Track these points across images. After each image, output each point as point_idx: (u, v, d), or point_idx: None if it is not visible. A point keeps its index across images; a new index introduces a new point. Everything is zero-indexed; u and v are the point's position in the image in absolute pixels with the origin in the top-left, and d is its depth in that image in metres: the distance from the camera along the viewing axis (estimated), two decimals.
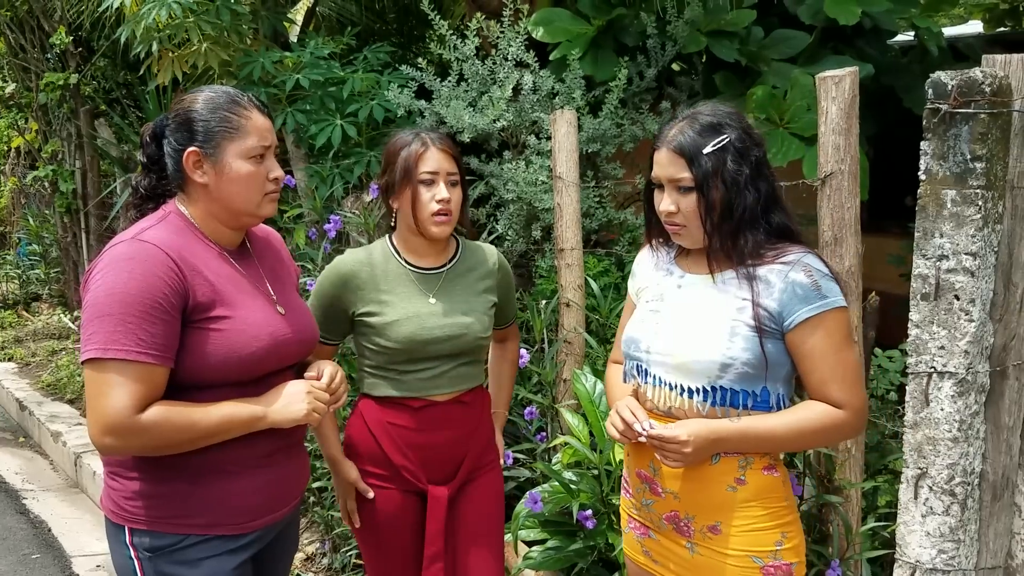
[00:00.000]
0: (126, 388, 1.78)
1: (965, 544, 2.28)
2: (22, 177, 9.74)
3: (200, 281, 1.89)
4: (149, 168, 2.03)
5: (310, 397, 1.99)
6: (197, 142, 1.94)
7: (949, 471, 2.26)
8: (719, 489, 1.93)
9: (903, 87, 4.97)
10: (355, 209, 4.23)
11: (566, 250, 3.46)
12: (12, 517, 4.70)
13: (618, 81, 4.28)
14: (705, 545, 1.96)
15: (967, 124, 2.15)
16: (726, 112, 1.93)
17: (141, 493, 1.92)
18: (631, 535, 2.13)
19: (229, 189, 1.96)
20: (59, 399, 6.33)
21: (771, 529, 1.93)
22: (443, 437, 2.40)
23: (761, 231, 1.91)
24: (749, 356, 1.87)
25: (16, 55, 8.14)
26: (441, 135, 2.38)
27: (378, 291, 2.36)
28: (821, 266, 1.91)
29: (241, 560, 1.99)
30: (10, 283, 9.54)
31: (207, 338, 1.88)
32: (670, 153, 1.90)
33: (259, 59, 4.68)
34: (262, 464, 2.00)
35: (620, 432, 1.96)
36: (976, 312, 2.18)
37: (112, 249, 1.88)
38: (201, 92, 1.99)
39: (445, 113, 4.31)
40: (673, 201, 1.92)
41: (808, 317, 1.86)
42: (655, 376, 1.98)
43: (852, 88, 2.36)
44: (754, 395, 1.90)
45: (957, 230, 2.17)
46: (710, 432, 1.87)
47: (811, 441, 1.98)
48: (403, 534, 2.43)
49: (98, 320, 1.80)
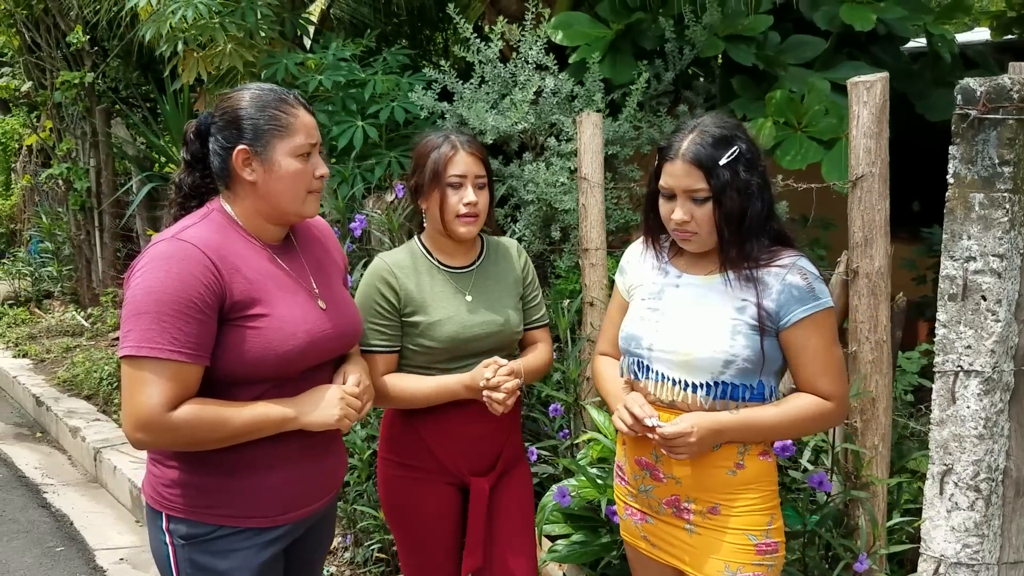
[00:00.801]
0: (159, 386, 1.83)
1: (989, 539, 2.33)
2: (35, 175, 9.79)
3: (238, 280, 1.93)
4: (192, 165, 2.06)
5: (343, 403, 2.02)
6: (246, 140, 1.97)
7: (974, 467, 2.31)
8: (720, 473, 2.06)
9: (915, 93, 5.02)
10: (377, 209, 4.29)
11: (590, 250, 3.51)
12: (35, 511, 4.76)
13: (638, 84, 4.33)
14: (704, 525, 2.09)
15: (995, 129, 2.21)
16: (733, 124, 2.04)
17: (179, 482, 1.97)
18: (629, 521, 2.25)
19: (277, 187, 1.99)
20: (76, 395, 6.38)
21: (764, 511, 2.08)
22: (485, 429, 2.46)
23: (764, 237, 2.04)
24: (749, 353, 2.00)
25: (32, 53, 8.19)
26: (470, 138, 2.43)
27: (419, 291, 2.41)
28: (813, 269, 2.05)
29: (272, 553, 2.03)
30: (22, 280, 9.58)
31: (244, 336, 1.92)
32: (686, 165, 1.99)
33: (282, 60, 4.73)
34: (297, 459, 2.04)
35: (629, 426, 2.07)
36: (1002, 312, 2.24)
37: (153, 247, 1.92)
38: (247, 90, 2.02)
39: (468, 115, 4.37)
40: (687, 211, 2.02)
41: (803, 317, 2.00)
42: (658, 372, 2.09)
43: (883, 93, 2.41)
44: (751, 388, 2.03)
45: (984, 232, 2.23)
46: (712, 423, 2.01)
47: (802, 430, 2.12)
48: (443, 526, 2.49)
49: (135, 318, 1.85)
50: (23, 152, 10.44)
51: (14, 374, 6.99)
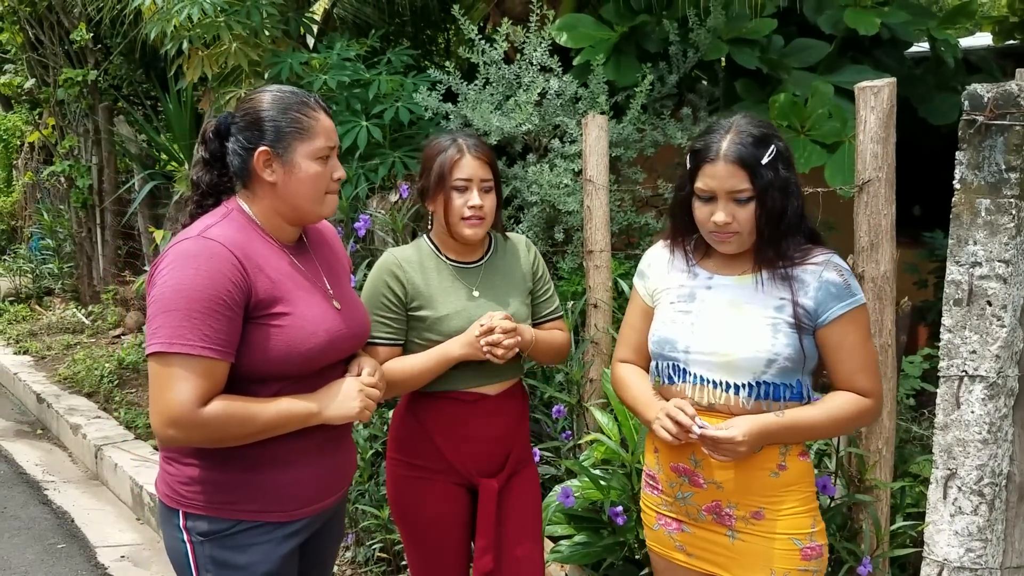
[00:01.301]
0: (190, 382, 1.84)
1: (992, 543, 2.34)
2: (37, 172, 9.78)
3: (262, 278, 1.95)
4: (211, 164, 2.07)
5: (362, 395, 2.05)
6: (267, 141, 1.98)
7: (978, 472, 2.32)
8: (763, 475, 2.04)
9: (918, 97, 5.03)
10: (381, 209, 4.30)
11: (595, 252, 3.52)
12: (36, 507, 4.76)
13: (642, 87, 4.34)
14: (748, 531, 2.05)
15: (1002, 135, 2.22)
16: (766, 123, 2.03)
17: (197, 479, 1.98)
18: (661, 532, 2.18)
19: (297, 189, 2.00)
20: (77, 392, 6.37)
21: (806, 513, 2.06)
22: (495, 430, 2.47)
23: (799, 235, 2.04)
24: (791, 351, 2.00)
25: (35, 50, 8.18)
26: (478, 141, 2.44)
27: (427, 286, 2.42)
28: (846, 265, 2.05)
29: (290, 547, 2.04)
30: (23, 277, 9.58)
31: (268, 334, 1.93)
32: (729, 166, 1.97)
33: (287, 59, 4.74)
34: (314, 453, 2.06)
35: (673, 434, 2.02)
36: (1008, 318, 2.24)
37: (178, 245, 1.93)
38: (269, 92, 2.03)
39: (472, 116, 4.38)
40: (729, 212, 1.99)
41: (841, 313, 2.00)
42: (695, 375, 2.06)
43: (890, 98, 2.42)
44: (791, 387, 2.02)
45: (991, 238, 2.23)
46: (760, 428, 1.98)
47: (844, 428, 2.13)
48: (451, 527, 2.49)
49: (164, 315, 1.85)
50: (25, 149, 10.43)
51: (15, 371, 6.99)
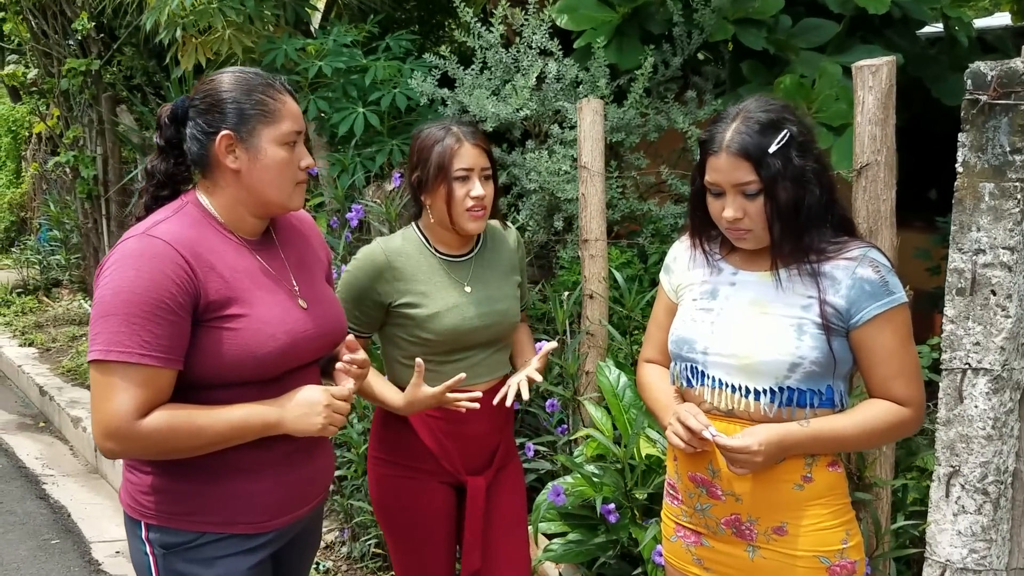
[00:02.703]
0: (128, 392, 1.73)
1: (997, 544, 2.24)
2: (43, 163, 9.77)
3: (213, 278, 1.83)
4: (167, 152, 1.95)
5: (328, 411, 1.90)
6: (230, 125, 1.86)
7: (982, 469, 2.21)
8: (786, 488, 1.88)
9: (931, 78, 4.91)
10: (377, 198, 4.21)
11: (590, 241, 3.42)
12: (32, 502, 4.72)
13: (643, 70, 4.23)
14: (769, 547, 1.89)
15: (1007, 116, 2.10)
16: (779, 105, 1.85)
17: (156, 488, 1.87)
18: (678, 544, 2.04)
19: (263, 176, 1.89)
20: (79, 385, 6.34)
21: (837, 527, 1.89)
22: (482, 427, 2.40)
23: (826, 226, 1.86)
24: (818, 355, 1.83)
25: (39, 41, 8.15)
26: (473, 129, 2.34)
27: (416, 281, 2.33)
28: (885, 260, 1.87)
29: (258, 559, 1.94)
30: (31, 269, 9.58)
31: (221, 338, 1.82)
32: (732, 157, 1.81)
33: (282, 46, 4.66)
34: (281, 463, 1.94)
35: (685, 441, 1.89)
36: (1013, 308, 2.13)
37: (123, 244, 1.82)
38: (231, 73, 1.92)
39: (468, 102, 4.28)
40: (739, 207, 1.84)
41: (877, 314, 1.83)
42: (714, 378, 1.91)
43: (889, 78, 2.31)
44: (820, 394, 1.85)
45: (995, 224, 2.12)
46: (780, 439, 1.83)
47: (878, 440, 1.95)
48: (438, 525, 2.43)
49: (103, 320, 1.75)
50: (32, 140, 10.43)
51: (19, 363, 6.97)
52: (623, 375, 3.08)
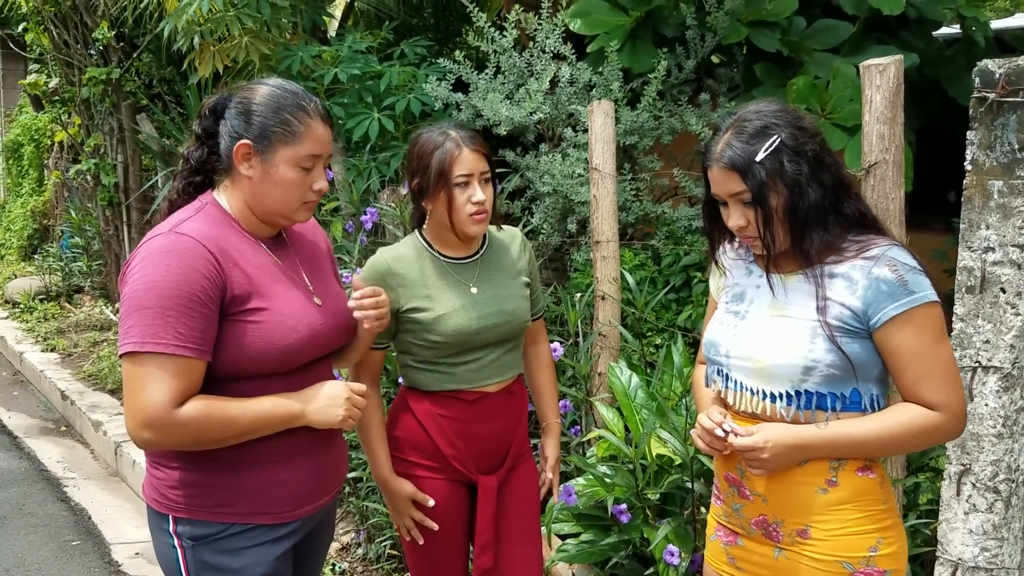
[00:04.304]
0: (164, 382, 1.77)
1: (1008, 542, 2.23)
2: (65, 171, 9.88)
3: (237, 273, 1.88)
4: (203, 140, 2.00)
5: (348, 404, 1.97)
6: (251, 136, 1.91)
7: (993, 468, 2.21)
8: (808, 491, 1.84)
9: (948, 78, 4.88)
10: (391, 202, 4.24)
11: (602, 242, 3.43)
12: (53, 505, 4.77)
13: (657, 73, 4.24)
14: (793, 549, 1.87)
15: (1015, 113, 2.10)
16: (772, 111, 1.83)
17: (185, 482, 1.92)
18: (716, 543, 2.03)
19: (270, 191, 1.94)
20: (100, 389, 6.40)
21: (866, 533, 1.83)
22: (495, 428, 2.41)
23: (832, 225, 1.82)
24: (833, 358, 1.78)
25: (60, 50, 8.25)
26: (471, 133, 2.34)
27: (422, 286, 2.34)
28: (908, 259, 1.79)
29: (283, 549, 1.99)
30: (53, 275, 9.68)
31: (245, 331, 1.87)
32: (722, 170, 1.82)
33: (298, 53, 4.70)
34: (304, 454, 2.00)
35: (707, 443, 1.89)
36: (1022, 306, 2.13)
37: (150, 242, 1.87)
38: (267, 86, 1.97)
39: (482, 106, 4.30)
40: (742, 215, 1.83)
41: (896, 314, 1.76)
42: (736, 381, 1.90)
43: (897, 76, 2.31)
44: (843, 397, 1.80)
45: (1004, 222, 2.13)
46: (792, 439, 1.80)
47: (904, 446, 1.87)
48: (450, 524, 2.43)
49: (136, 313, 1.79)
50: (55, 149, 10.54)
51: (41, 368, 7.04)
52: (635, 376, 3.08)
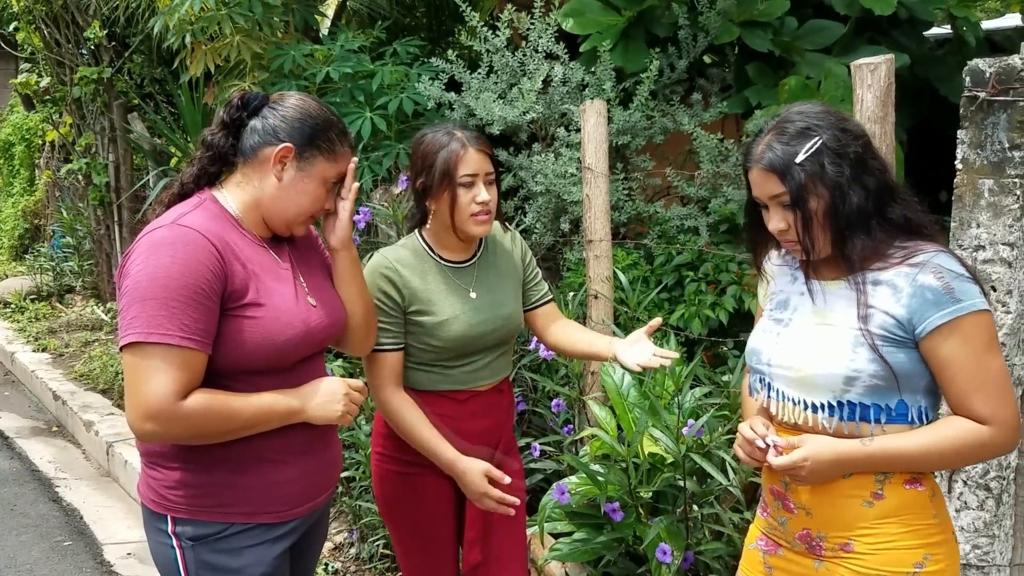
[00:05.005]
0: (169, 374, 1.77)
1: (1000, 539, 2.24)
2: (56, 170, 9.85)
3: (238, 268, 1.89)
4: (228, 129, 2.00)
5: (346, 400, 2.00)
6: (297, 142, 1.94)
7: (984, 465, 2.22)
8: (853, 504, 1.80)
9: (939, 78, 4.91)
10: (384, 201, 4.24)
11: (595, 241, 3.44)
12: (45, 505, 4.76)
13: (649, 73, 4.25)
14: (834, 561, 1.83)
15: (1005, 112, 2.11)
16: (816, 112, 1.80)
17: (184, 482, 1.92)
18: (755, 552, 2.00)
19: (294, 199, 1.98)
20: (92, 389, 6.39)
21: (912, 548, 1.77)
22: (485, 424, 2.43)
23: (875, 231, 1.77)
24: (876, 368, 1.73)
25: (51, 49, 8.22)
26: (476, 134, 2.35)
27: (423, 290, 2.34)
28: (955, 266, 1.74)
29: (282, 548, 2.00)
30: (44, 275, 9.65)
31: (243, 326, 1.88)
32: (761, 172, 1.80)
33: (290, 52, 4.69)
34: (302, 452, 2.01)
35: (747, 454, 1.86)
36: (1013, 304, 2.14)
37: (151, 234, 1.86)
38: (317, 103, 2.01)
39: (475, 105, 4.30)
40: (782, 218, 1.81)
41: (942, 323, 1.70)
42: (778, 390, 1.87)
43: (888, 76, 2.32)
44: (887, 409, 1.76)
45: (994, 220, 2.14)
46: (832, 454, 1.76)
47: (952, 461, 1.81)
48: (441, 520, 2.45)
49: (140, 304, 1.79)
50: (46, 148, 10.51)
51: (32, 368, 7.02)
52: (627, 375, 3.09)
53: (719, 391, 3.17)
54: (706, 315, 3.85)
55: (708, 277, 3.98)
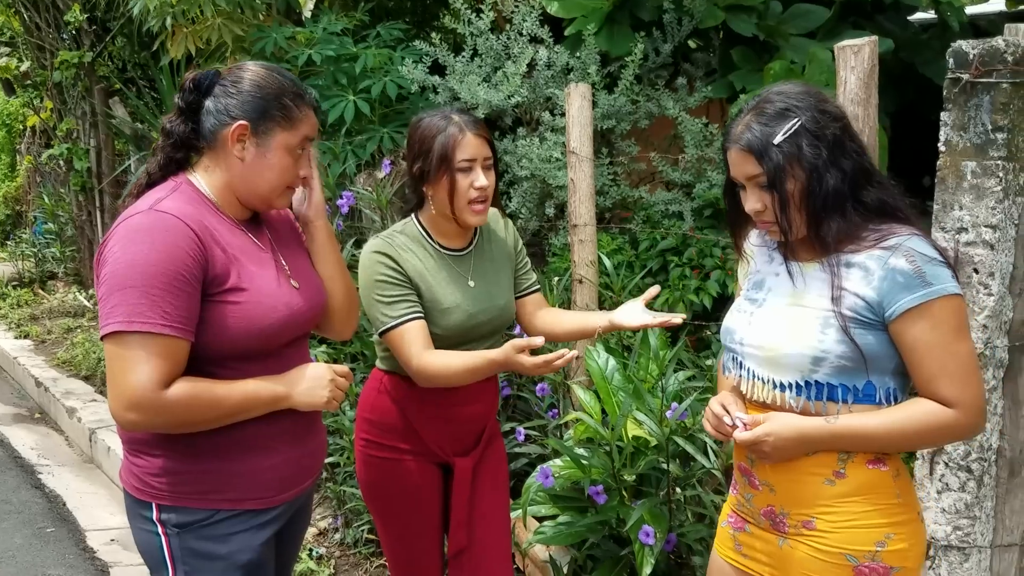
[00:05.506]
0: (151, 363, 1.75)
1: (981, 521, 2.25)
2: (37, 156, 9.76)
3: (218, 253, 1.86)
4: (186, 115, 1.95)
5: (332, 385, 1.97)
6: (249, 117, 1.89)
7: (966, 447, 2.23)
8: (815, 482, 1.81)
9: (923, 62, 4.91)
10: (368, 186, 4.22)
11: (579, 226, 3.43)
12: (27, 491, 4.73)
13: (634, 57, 4.23)
14: (797, 539, 1.85)
15: (988, 94, 2.11)
16: (796, 93, 1.80)
17: (168, 469, 1.90)
18: (726, 530, 2.02)
19: (262, 174, 1.92)
20: (74, 376, 6.35)
21: (874, 527, 1.78)
22: (472, 411, 2.41)
23: (850, 213, 1.78)
24: (844, 349, 1.74)
25: (31, 34, 8.13)
26: (474, 118, 2.31)
27: (424, 276, 2.32)
28: (928, 250, 1.73)
29: (268, 535, 1.98)
30: (26, 261, 9.58)
31: (226, 312, 1.85)
32: (740, 152, 1.80)
33: (272, 34, 4.65)
34: (287, 439, 1.99)
35: (713, 427, 1.89)
36: (995, 286, 2.15)
37: (128, 220, 1.83)
38: (266, 70, 1.95)
39: (459, 89, 4.28)
40: (759, 199, 1.81)
41: (911, 307, 1.70)
42: (749, 369, 1.89)
43: (871, 58, 2.31)
44: (855, 390, 1.77)
45: (977, 202, 2.14)
46: (796, 430, 1.78)
47: (916, 443, 1.83)
48: (426, 505, 2.44)
49: (120, 292, 1.76)
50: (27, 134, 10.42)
51: (15, 355, 6.97)
52: (612, 359, 3.08)
53: (702, 375, 3.18)
54: (690, 299, 3.85)
55: (692, 262, 3.98)
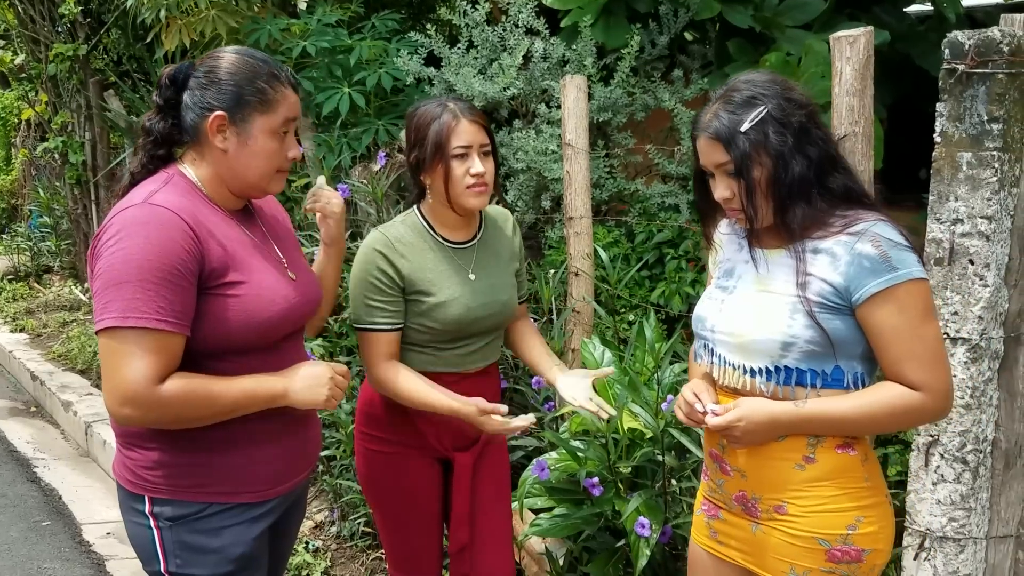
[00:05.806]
0: (146, 358, 1.74)
1: (976, 512, 2.25)
2: (32, 149, 9.73)
3: (213, 245, 1.84)
4: (165, 112, 1.93)
5: (331, 384, 1.95)
6: (225, 106, 1.87)
7: (961, 438, 2.23)
8: (785, 467, 1.84)
9: (919, 54, 4.90)
10: (363, 178, 4.20)
11: (575, 218, 3.43)
12: (23, 485, 4.73)
13: (630, 49, 4.22)
14: (769, 524, 1.87)
15: (984, 85, 2.11)
16: (762, 81, 1.82)
17: (162, 463, 1.89)
18: (700, 517, 2.05)
19: (248, 162, 1.90)
20: (70, 369, 6.34)
21: (845, 511, 1.82)
22: None
23: (816, 200, 1.79)
24: (812, 334, 1.76)
25: (26, 26, 8.10)
26: (470, 105, 2.30)
27: (423, 269, 2.30)
28: (893, 235, 1.76)
29: (261, 528, 1.98)
30: (21, 255, 9.55)
31: (225, 305, 1.84)
32: (707, 140, 1.82)
33: (266, 26, 4.64)
34: (281, 432, 1.98)
35: (685, 414, 1.90)
36: (991, 277, 2.15)
37: (122, 214, 1.81)
38: (237, 54, 1.91)
39: (455, 81, 4.27)
40: (727, 186, 1.83)
41: (877, 292, 1.73)
42: (720, 356, 1.91)
43: (867, 48, 2.31)
44: (824, 374, 1.79)
45: (972, 193, 2.13)
46: (766, 415, 1.80)
47: (884, 426, 1.87)
48: (426, 500, 2.44)
49: (115, 287, 1.75)
50: (22, 127, 10.38)
51: (10, 349, 6.96)
52: (608, 352, 3.08)
53: None
54: (686, 292, 3.85)
55: (688, 255, 3.98)
